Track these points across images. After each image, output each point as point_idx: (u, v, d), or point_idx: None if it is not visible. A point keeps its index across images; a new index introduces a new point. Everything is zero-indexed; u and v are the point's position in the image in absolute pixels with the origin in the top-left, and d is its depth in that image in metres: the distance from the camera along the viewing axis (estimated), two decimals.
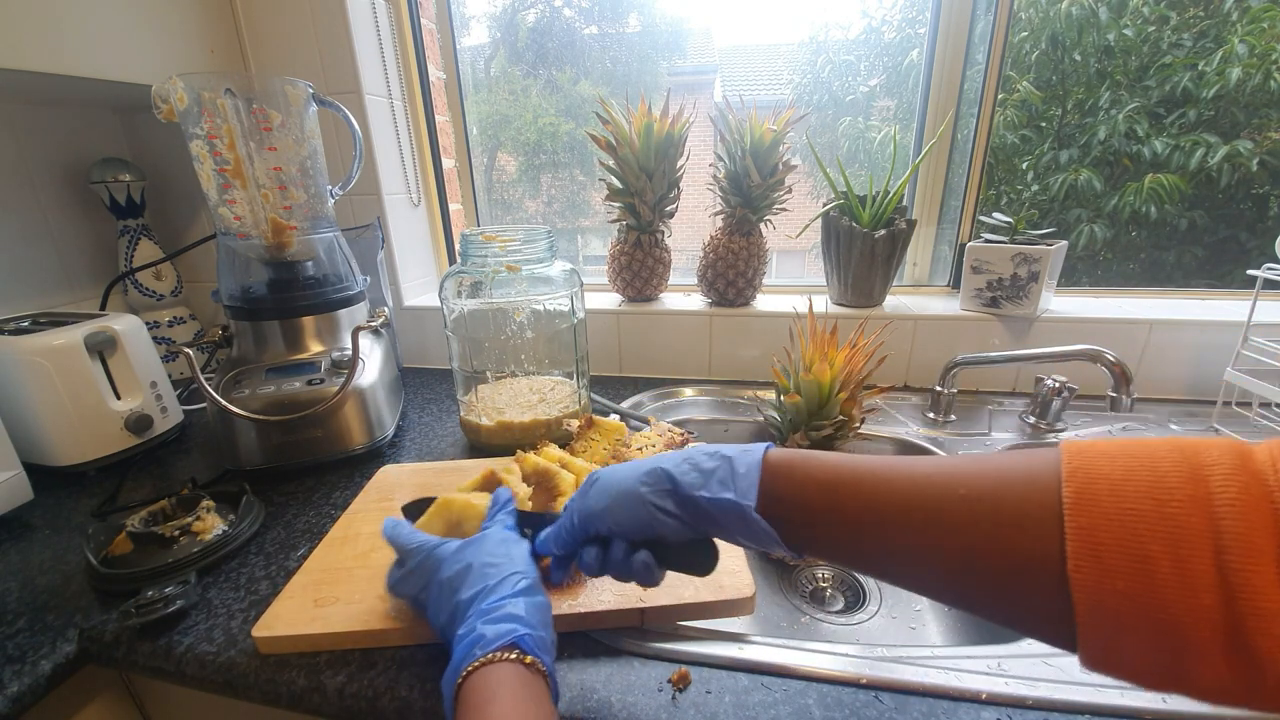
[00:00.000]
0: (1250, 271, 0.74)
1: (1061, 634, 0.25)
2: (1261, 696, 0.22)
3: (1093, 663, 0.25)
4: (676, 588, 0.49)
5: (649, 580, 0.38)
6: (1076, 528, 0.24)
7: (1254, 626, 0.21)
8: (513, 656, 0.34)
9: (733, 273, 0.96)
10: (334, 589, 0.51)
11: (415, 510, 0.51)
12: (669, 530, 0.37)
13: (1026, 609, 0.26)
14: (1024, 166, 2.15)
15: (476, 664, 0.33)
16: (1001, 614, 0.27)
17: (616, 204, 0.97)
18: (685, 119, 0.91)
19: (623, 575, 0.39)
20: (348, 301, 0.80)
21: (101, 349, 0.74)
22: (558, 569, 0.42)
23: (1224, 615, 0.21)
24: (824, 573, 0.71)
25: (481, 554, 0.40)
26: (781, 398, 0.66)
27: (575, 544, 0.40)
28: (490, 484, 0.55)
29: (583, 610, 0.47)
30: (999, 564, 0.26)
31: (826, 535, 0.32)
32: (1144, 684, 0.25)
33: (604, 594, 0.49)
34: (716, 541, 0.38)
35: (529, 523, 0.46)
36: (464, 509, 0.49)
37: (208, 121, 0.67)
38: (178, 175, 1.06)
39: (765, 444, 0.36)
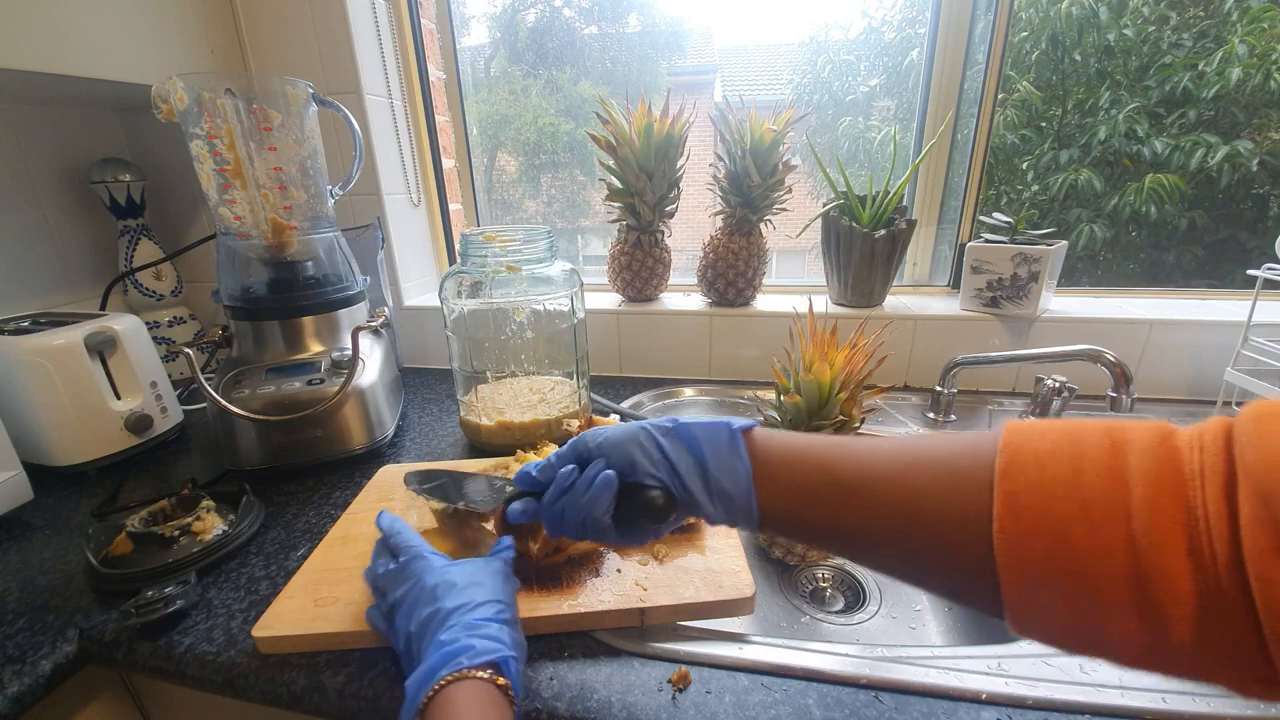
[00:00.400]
0: (1250, 271, 0.74)
1: (989, 596, 0.27)
2: (1171, 658, 0.23)
3: (1018, 624, 0.27)
4: (676, 587, 0.49)
5: (600, 505, 0.37)
6: (1003, 492, 0.26)
7: (1159, 586, 0.22)
8: (486, 675, 0.34)
9: (733, 273, 0.96)
10: (334, 589, 0.51)
11: (422, 479, 0.51)
12: (649, 460, 0.37)
13: (958, 568, 0.28)
14: (1024, 166, 2.15)
15: (455, 676, 0.34)
16: (935, 576, 0.30)
17: (616, 204, 0.97)
18: (685, 119, 0.91)
19: (580, 505, 0.38)
20: (348, 301, 0.80)
21: (101, 349, 0.74)
22: (523, 504, 0.42)
23: (1133, 574, 0.23)
24: (824, 573, 0.71)
25: (471, 574, 0.41)
26: (781, 398, 0.66)
27: (557, 467, 0.40)
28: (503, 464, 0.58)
29: (583, 610, 0.47)
30: (935, 524, 0.28)
31: (788, 492, 0.34)
32: (1066, 646, 0.26)
33: (604, 594, 0.49)
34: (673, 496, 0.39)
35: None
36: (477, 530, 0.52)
37: (208, 121, 0.67)
38: (178, 175, 1.06)
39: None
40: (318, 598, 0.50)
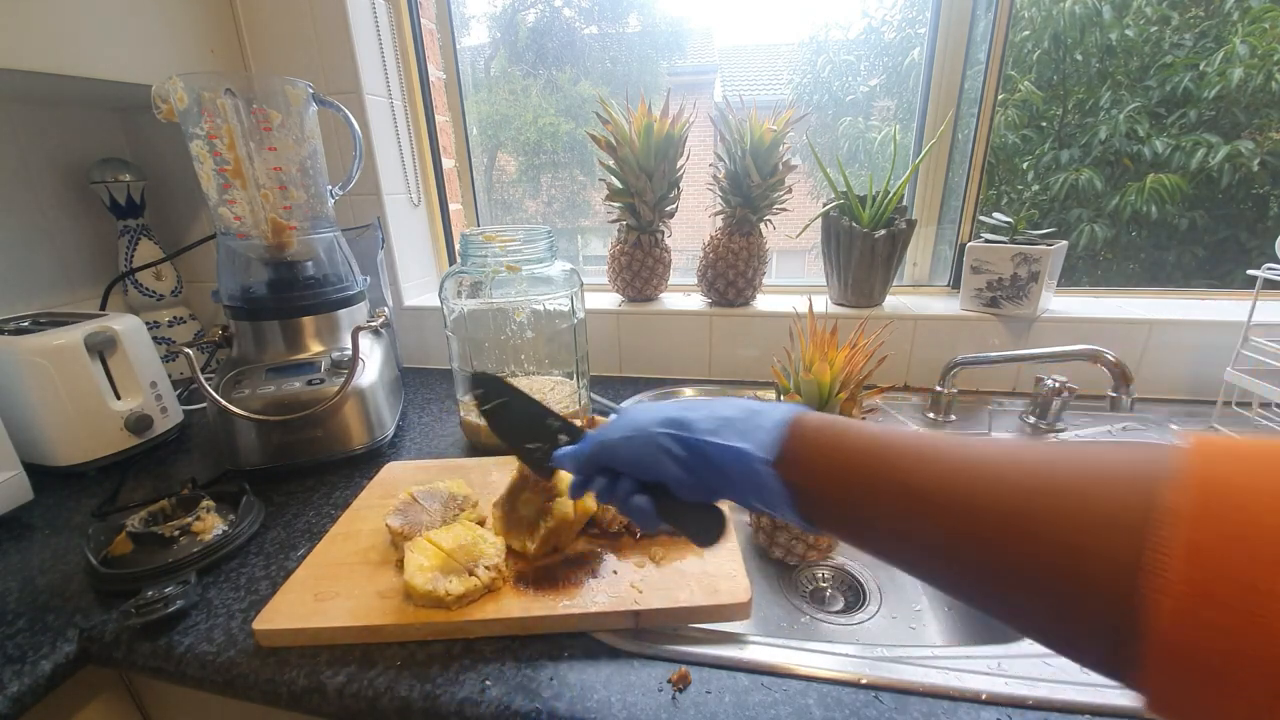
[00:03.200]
0: (1250, 271, 0.73)
1: (1119, 668, 0.21)
2: None
3: (1161, 708, 0.21)
4: (672, 590, 0.49)
5: (645, 525, 0.38)
6: (1185, 540, 0.18)
7: None
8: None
9: (733, 273, 0.96)
10: (335, 584, 0.51)
11: (484, 384, 0.47)
12: (673, 478, 0.35)
13: (1082, 634, 0.22)
14: (1024, 166, 2.15)
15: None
16: (1045, 636, 0.24)
17: (616, 204, 0.97)
18: (685, 119, 0.91)
19: (624, 512, 0.39)
20: (348, 301, 0.80)
21: (101, 349, 0.74)
22: (574, 486, 0.42)
23: None
24: (824, 573, 0.71)
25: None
26: (781, 398, 0.66)
27: (586, 471, 0.40)
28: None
29: (577, 611, 0.47)
30: (1061, 575, 0.22)
31: (853, 514, 0.28)
32: None
33: (599, 595, 0.49)
34: (725, 520, 0.38)
35: (566, 431, 0.44)
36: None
37: (208, 121, 0.67)
38: (178, 175, 1.06)
39: (802, 406, 0.33)
40: (318, 592, 0.50)
